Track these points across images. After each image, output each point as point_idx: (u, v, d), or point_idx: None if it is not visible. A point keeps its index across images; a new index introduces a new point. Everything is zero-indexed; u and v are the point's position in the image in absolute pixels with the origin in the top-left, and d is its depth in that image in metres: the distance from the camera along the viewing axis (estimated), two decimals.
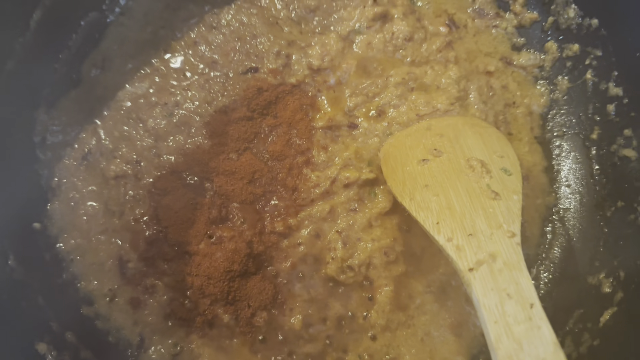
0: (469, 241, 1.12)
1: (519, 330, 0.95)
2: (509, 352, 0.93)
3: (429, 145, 1.35)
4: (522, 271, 1.04)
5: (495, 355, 0.94)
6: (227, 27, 1.51)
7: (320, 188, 1.40)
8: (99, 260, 1.35)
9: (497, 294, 1.01)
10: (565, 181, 1.49)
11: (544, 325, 0.95)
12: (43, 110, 1.41)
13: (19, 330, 1.14)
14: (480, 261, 1.07)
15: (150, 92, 1.46)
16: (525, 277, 1.03)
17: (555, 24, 1.53)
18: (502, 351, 0.93)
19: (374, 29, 1.53)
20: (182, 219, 1.36)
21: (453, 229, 1.15)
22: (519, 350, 0.93)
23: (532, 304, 0.98)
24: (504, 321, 0.97)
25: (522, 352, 0.92)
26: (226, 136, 1.43)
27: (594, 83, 1.46)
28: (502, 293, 1.01)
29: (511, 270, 1.04)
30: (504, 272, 1.04)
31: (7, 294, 1.17)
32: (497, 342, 0.95)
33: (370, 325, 1.35)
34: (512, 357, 0.92)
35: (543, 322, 0.96)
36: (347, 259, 1.36)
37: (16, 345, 1.11)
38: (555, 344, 0.92)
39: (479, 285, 1.04)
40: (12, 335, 1.12)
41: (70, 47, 1.47)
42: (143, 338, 1.32)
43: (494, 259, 1.07)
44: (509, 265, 1.05)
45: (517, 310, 0.98)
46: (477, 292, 1.03)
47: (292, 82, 1.48)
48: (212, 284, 1.31)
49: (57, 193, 1.38)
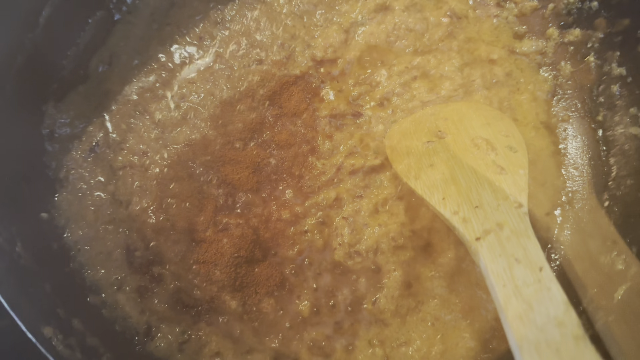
0: (475, 213, 1.11)
1: (528, 292, 0.93)
2: (519, 313, 0.91)
3: (434, 128, 1.35)
4: (529, 238, 1.03)
5: (504, 317, 0.92)
6: (232, 22, 1.54)
7: (326, 175, 1.41)
8: (106, 250, 1.35)
9: (505, 260, 0.99)
10: (572, 164, 1.47)
11: (553, 286, 0.93)
12: (51, 104, 1.44)
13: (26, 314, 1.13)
14: (487, 230, 1.06)
15: (157, 86, 1.49)
16: (533, 243, 1.01)
17: (556, 10, 1.54)
18: (511, 312, 0.91)
19: (376, 21, 1.55)
20: (189, 207, 1.36)
21: (459, 203, 1.14)
22: (529, 310, 0.91)
23: (541, 267, 0.97)
24: (512, 284, 0.95)
25: (533, 312, 0.90)
26: (232, 126, 1.44)
27: (596, 65, 1.46)
28: (510, 258, 0.99)
29: (519, 237, 1.03)
30: (512, 239, 1.03)
31: (14, 279, 1.17)
32: (506, 304, 0.93)
33: (380, 311, 1.33)
34: (522, 317, 0.90)
35: (553, 283, 0.94)
36: (355, 244, 1.35)
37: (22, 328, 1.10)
38: (566, 303, 0.90)
39: (487, 252, 1.03)
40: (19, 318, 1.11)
41: (78, 44, 1.50)
42: (150, 326, 1.31)
43: (501, 228, 1.06)
44: (517, 232, 1.04)
45: (526, 274, 0.96)
46: (484, 259, 1.01)
47: (296, 74, 1.49)
48: (219, 270, 1.30)
49: (65, 184, 1.39)
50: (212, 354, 1.30)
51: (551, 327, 0.87)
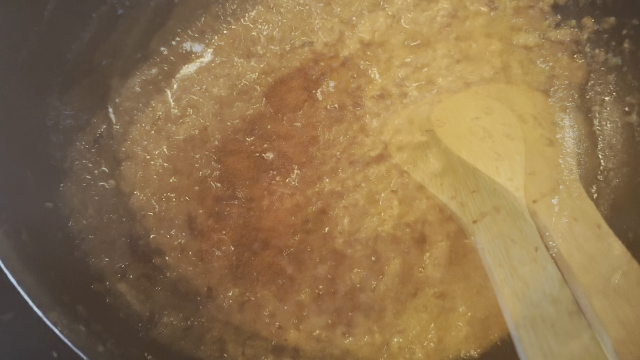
0: (472, 197, 1.14)
1: (524, 271, 0.95)
2: (515, 290, 0.93)
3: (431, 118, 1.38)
4: (525, 220, 1.05)
5: (500, 295, 0.94)
6: (232, 16, 1.57)
7: (326, 165, 1.43)
8: (109, 239, 1.37)
9: (502, 240, 1.02)
10: (607, 144, 1.49)
11: (549, 265, 0.96)
12: (56, 97, 1.46)
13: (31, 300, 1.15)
14: (484, 213, 1.09)
15: (159, 79, 1.51)
16: (529, 225, 1.04)
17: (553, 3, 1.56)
18: (507, 290, 0.94)
19: (421, 7, 1.58)
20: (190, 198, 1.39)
21: (457, 188, 1.17)
22: (525, 288, 0.93)
23: (536, 247, 0.99)
24: (508, 264, 0.98)
25: (528, 290, 0.92)
26: (232, 118, 1.47)
27: (631, 51, 1.47)
28: (507, 239, 1.02)
29: (515, 220, 1.05)
30: (508, 221, 1.05)
31: (20, 266, 1.19)
32: (502, 282, 0.95)
33: (379, 298, 1.35)
34: (518, 294, 0.92)
35: (548, 262, 0.96)
36: (354, 233, 1.37)
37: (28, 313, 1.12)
38: (561, 281, 0.93)
39: (483, 234, 1.05)
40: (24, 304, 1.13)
41: (82, 38, 1.53)
42: (153, 313, 1.33)
43: (498, 211, 1.08)
44: (512, 215, 1.06)
45: (522, 254, 0.98)
46: (481, 240, 1.04)
47: (345, 55, 1.53)
48: (221, 259, 1.33)
49: (69, 174, 1.42)
50: (214, 340, 1.32)
51: (546, 304, 0.90)
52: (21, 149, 1.34)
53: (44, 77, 1.44)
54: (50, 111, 1.45)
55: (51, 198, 1.38)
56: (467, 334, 1.32)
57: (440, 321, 1.34)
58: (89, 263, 1.36)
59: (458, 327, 1.33)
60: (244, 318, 1.33)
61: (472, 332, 1.33)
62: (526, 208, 1.08)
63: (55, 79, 1.47)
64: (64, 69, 1.49)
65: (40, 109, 1.43)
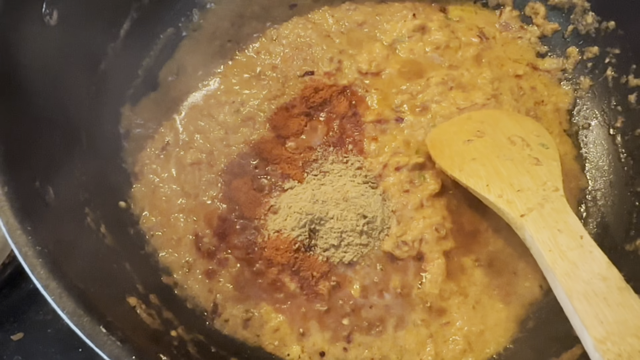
0: (518, 195, 1.26)
1: (572, 255, 1.07)
2: (566, 270, 1.05)
3: (472, 129, 1.51)
4: (569, 213, 1.18)
5: (553, 276, 1.06)
6: (286, 39, 1.73)
7: (373, 172, 1.55)
8: (176, 236, 1.48)
9: (549, 230, 1.14)
10: (594, 165, 1.62)
11: (595, 250, 1.08)
12: (128, 107, 1.60)
13: (112, 286, 1.25)
14: (530, 208, 1.21)
15: (219, 94, 1.66)
16: (573, 217, 1.16)
17: (575, 31, 1.73)
18: (559, 270, 1.05)
19: (415, 39, 1.73)
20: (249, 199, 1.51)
21: (502, 188, 1.29)
22: (575, 268, 1.05)
23: (581, 235, 1.11)
24: (557, 249, 1.10)
25: (578, 269, 1.04)
26: (286, 129, 1.61)
27: (614, 78, 1.63)
28: (553, 229, 1.14)
29: (559, 214, 1.18)
30: (553, 214, 1.18)
31: (101, 255, 1.30)
32: (553, 264, 1.07)
33: (425, 294, 1.45)
34: (569, 274, 1.04)
35: (594, 247, 1.08)
36: (402, 235, 1.49)
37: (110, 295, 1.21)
38: (608, 262, 1.04)
39: (532, 225, 1.17)
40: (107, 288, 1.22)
41: (150, 56, 1.69)
42: (216, 305, 1.43)
43: (542, 206, 1.20)
44: (557, 210, 1.19)
45: (569, 241, 1.10)
46: (530, 230, 1.16)
47: (344, 84, 1.67)
48: (279, 255, 1.44)
49: (140, 177, 1.54)
50: (272, 330, 1.41)
51: (597, 281, 1.01)
52: (97, 153, 1.47)
53: (118, 88, 1.59)
54: (122, 120, 1.60)
55: (124, 198, 1.51)
56: (507, 327, 1.43)
57: (481, 315, 1.44)
58: (158, 257, 1.47)
59: (499, 321, 1.43)
60: (298, 310, 1.43)
61: (512, 326, 1.43)
62: (567, 204, 1.20)
63: (127, 91, 1.62)
64: (135, 83, 1.64)
65: (115, 117, 1.58)
